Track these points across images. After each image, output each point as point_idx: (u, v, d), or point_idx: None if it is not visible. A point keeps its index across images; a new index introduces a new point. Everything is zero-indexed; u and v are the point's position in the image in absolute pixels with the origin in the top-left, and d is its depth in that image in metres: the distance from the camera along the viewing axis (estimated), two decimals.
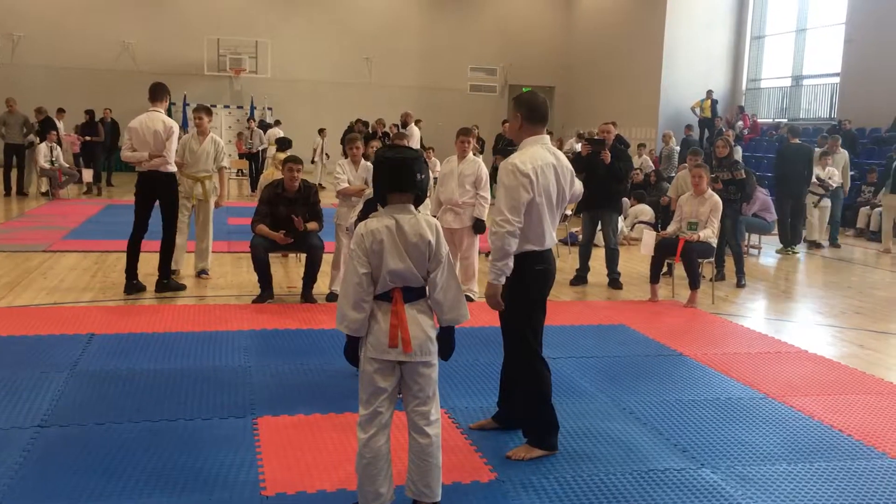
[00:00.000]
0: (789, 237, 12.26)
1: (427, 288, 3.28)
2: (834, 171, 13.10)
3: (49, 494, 3.54)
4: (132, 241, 7.57)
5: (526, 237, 3.96)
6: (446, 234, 7.36)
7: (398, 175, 3.24)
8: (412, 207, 3.28)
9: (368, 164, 7.28)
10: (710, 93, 21.20)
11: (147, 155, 7.35)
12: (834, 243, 13.18)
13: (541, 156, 3.98)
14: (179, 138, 7.79)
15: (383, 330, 3.20)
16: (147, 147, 7.37)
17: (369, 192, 5.32)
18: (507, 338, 4.18)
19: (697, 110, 21.31)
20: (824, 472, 4.07)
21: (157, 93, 7.51)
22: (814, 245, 12.86)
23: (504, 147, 14.46)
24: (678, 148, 18.15)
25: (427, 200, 3.89)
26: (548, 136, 4.17)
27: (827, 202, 13.00)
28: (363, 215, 5.06)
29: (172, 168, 7.57)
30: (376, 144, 8.61)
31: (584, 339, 6.52)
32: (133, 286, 7.61)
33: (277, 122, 20.99)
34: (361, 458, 3.24)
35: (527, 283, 4.03)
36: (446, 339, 3.36)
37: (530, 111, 4.03)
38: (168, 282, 7.72)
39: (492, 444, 4.25)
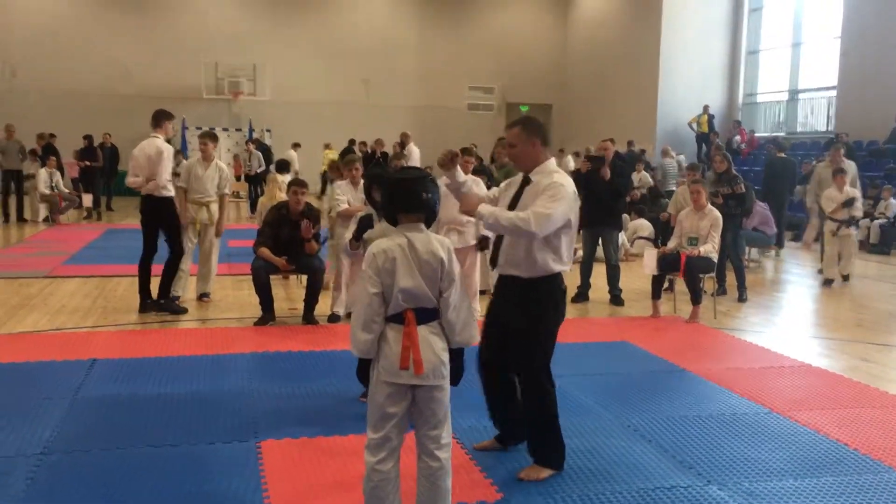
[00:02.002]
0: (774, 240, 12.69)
1: (440, 308, 3.26)
2: (856, 192, 10.56)
3: None
4: (142, 262, 7.82)
5: (559, 258, 3.99)
6: None
7: (404, 196, 3.25)
8: (423, 226, 3.28)
9: None
10: (706, 108, 21.29)
11: (143, 180, 7.60)
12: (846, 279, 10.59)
13: (570, 181, 4.02)
14: (179, 164, 7.91)
15: (395, 353, 3.17)
16: (144, 172, 7.60)
17: (365, 211, 5.32)
18: (531, 363, 4.08)
19: (695, 126, 21.38)
20: (831, 487, 4.05)
21: (156, 119, 7.77)
22: (829, 283, 10.36)
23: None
24: (676, 162, 18.21)
25: None
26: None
27: (849, 231, 10.38)
28: (358, 233, 5.08)
29: (168, 192, 7.72)
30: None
31: (586, 356, 6.51)
32: (147, 305, 7.82)
33: (296, 145, 21.36)
34: (369, 481, 3.22)
35: (557, 307, 4.07)
36: (456, 363, 3.33)
37: (544, 135, 4.08)
38: (164, 302, 7.80)
39: (497, 463, 4.23)
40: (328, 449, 4.41)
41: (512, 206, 4.05)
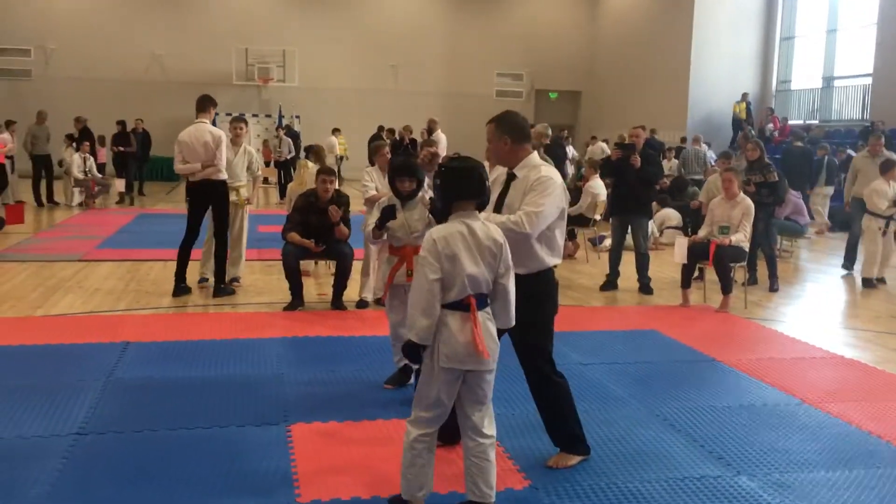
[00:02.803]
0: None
1: (494, 294, 3.35)
2: None
3: (87, 501, 3.59)
4: (183, 246, 7.94)
5: (554, 251, 3.97)
6: None
7: (470, 183, 3.31)
8: (478, 213, 3.36)
9: None
10: (745, 95, 21.01)
11: (199, 166, 7.68)
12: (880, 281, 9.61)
13: (556, 173, 3.97)
14: None
15: (458, 340, 3.24)
16: (198, 157, 7.67)
17: (386, 199, 5.30)
18: (536, 357, 4.04)
19: (736, 112, 21.07)
20: (863, 479, 4.01)
21: (202, 104, 7.86)
22: (868, 283, 9.41)
23: None
24: (701, 152, 17.96)
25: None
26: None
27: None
28: (381, 222, 5.08)
29: (224, 175, 7.85)
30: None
31: (615, 344, 6.48)
32: (181, 289, 7.95)
33: (336, 131, 21.41)
34: (412, 449, 3.32)
35: (554, 299, 4.06)
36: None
37: (517, 132, 3.97)
38: (224, 286, 8.00)
39: (525, 451, 4.24)
40: (357, 434, 4.44)
41: (499, 202, 3.99)
